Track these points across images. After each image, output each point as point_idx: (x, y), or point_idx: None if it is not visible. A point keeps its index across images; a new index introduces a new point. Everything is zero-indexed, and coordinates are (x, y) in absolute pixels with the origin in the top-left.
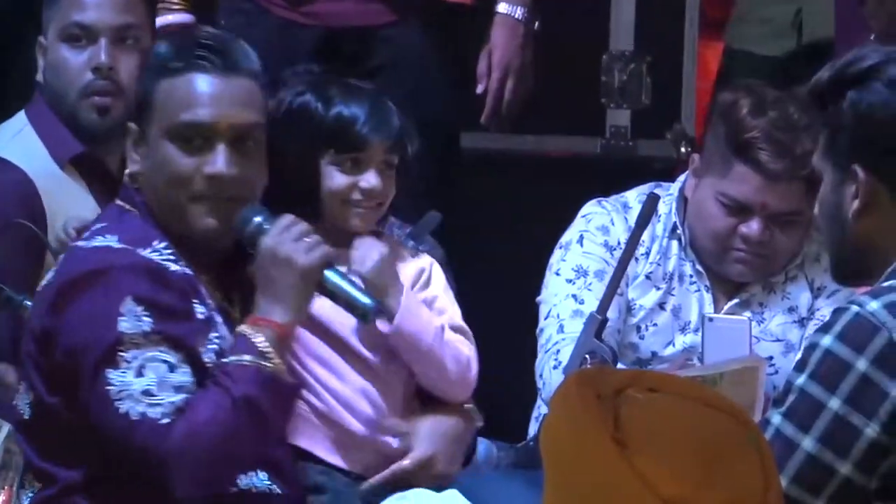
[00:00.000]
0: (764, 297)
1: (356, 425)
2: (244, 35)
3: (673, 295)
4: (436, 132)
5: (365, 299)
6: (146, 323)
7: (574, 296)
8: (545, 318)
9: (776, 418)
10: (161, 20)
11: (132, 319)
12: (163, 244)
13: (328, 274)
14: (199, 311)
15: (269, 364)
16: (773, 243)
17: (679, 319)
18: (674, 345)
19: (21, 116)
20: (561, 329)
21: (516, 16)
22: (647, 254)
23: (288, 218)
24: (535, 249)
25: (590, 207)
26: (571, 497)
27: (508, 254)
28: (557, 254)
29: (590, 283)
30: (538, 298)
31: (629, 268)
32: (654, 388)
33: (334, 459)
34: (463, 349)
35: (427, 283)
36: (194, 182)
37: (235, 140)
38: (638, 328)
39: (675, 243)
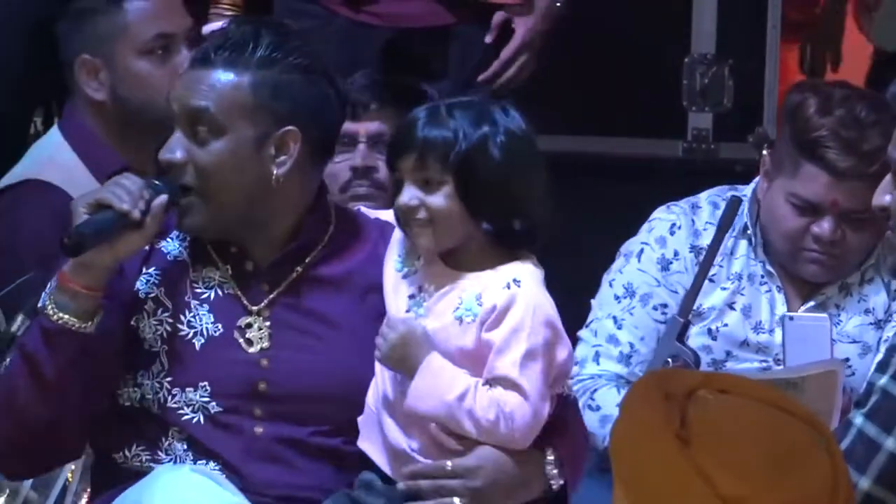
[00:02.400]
0: (840, 298)
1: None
2: (313, 38)
3: (742, 295)
4: None
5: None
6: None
7: (615, 317)
8: (587, 326)
9: (858, 419)
10: (213, 27)
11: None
12: (181, 234)
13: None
14: (148, 289)
15: (45, 311)
16: (844, 242)
17: (750, 319)
18: (748, 344)
19: (55, 134)
20: (596, 358)
21: None
22: None
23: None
24: (616, 253)
25: (657, 213)
26: (637, 494)
27: (590, 257)
28: (619, 262)
29: (633, 307)
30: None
31: (687, 276)
32: (726, 389)
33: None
34: (487, 412)
35: (496, 323)
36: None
37: (189, 126)
38: (709, 330)
39: (743, 243)
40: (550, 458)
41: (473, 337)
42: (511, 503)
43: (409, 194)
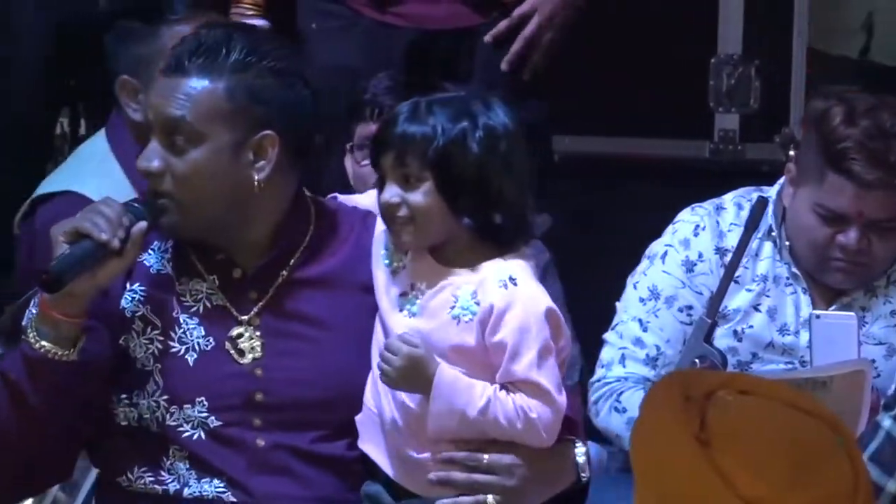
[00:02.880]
0: (866, 301)
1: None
2: (338, 39)
3: (768, 296)
4: (531, 134)
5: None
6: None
7: (640, 320)
8: (612, 328)
9: (887, 422)
10: None
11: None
12: (162, 245)
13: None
14: (134, 308)
15: (27, 338)
16: (871, 251)
17: (775, 321)
18: (773, 346)
19: (102, 142)
20: (622, 360)
21: None
22: None
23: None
24: (643, 254)
25: (682, 215)
26: (657, 495)
27: (616, 258)
28: (643, 264)
29: (658, 309)
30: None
31: (712, 277)
32: (747, 390)
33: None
34: (514, 422)
35: (499, 326)
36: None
37: (165, 135)
38: (735, 332)
39: (768, 245)
40: (582, 449)
41: (474, 336)
42: (541, 498)
43: (391, 192)
